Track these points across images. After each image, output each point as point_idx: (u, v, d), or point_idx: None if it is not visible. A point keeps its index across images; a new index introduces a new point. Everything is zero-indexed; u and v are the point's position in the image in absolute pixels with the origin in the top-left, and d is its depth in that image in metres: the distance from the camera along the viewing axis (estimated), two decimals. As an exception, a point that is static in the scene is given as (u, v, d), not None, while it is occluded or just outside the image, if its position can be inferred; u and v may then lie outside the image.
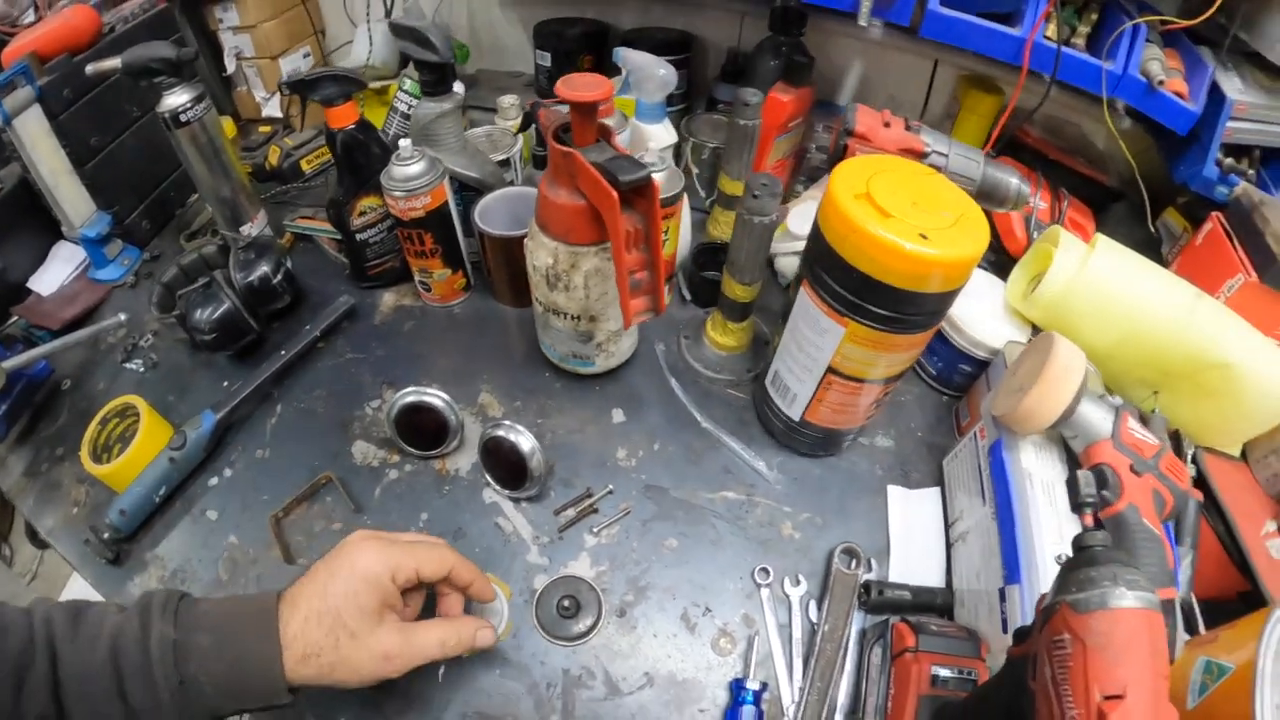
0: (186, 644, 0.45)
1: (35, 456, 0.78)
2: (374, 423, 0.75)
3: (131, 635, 0.45)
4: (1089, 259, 0.70)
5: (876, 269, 0.52)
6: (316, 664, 0.46)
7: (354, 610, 0.47)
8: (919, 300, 0.53)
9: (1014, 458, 0.62)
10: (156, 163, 0.98)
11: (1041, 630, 0.38)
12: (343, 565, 0.49)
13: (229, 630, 0.46)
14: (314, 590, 0.48)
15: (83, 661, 0.43)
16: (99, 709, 0.43)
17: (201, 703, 0.45)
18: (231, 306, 0.77)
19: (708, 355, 0.77)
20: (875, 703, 0.58)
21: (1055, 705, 0.35)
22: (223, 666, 0.45)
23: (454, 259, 0.79)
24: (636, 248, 0.60)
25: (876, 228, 0.50)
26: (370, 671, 0.48)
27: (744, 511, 0.68)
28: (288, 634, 0.46)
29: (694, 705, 0.60)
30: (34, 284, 0.94)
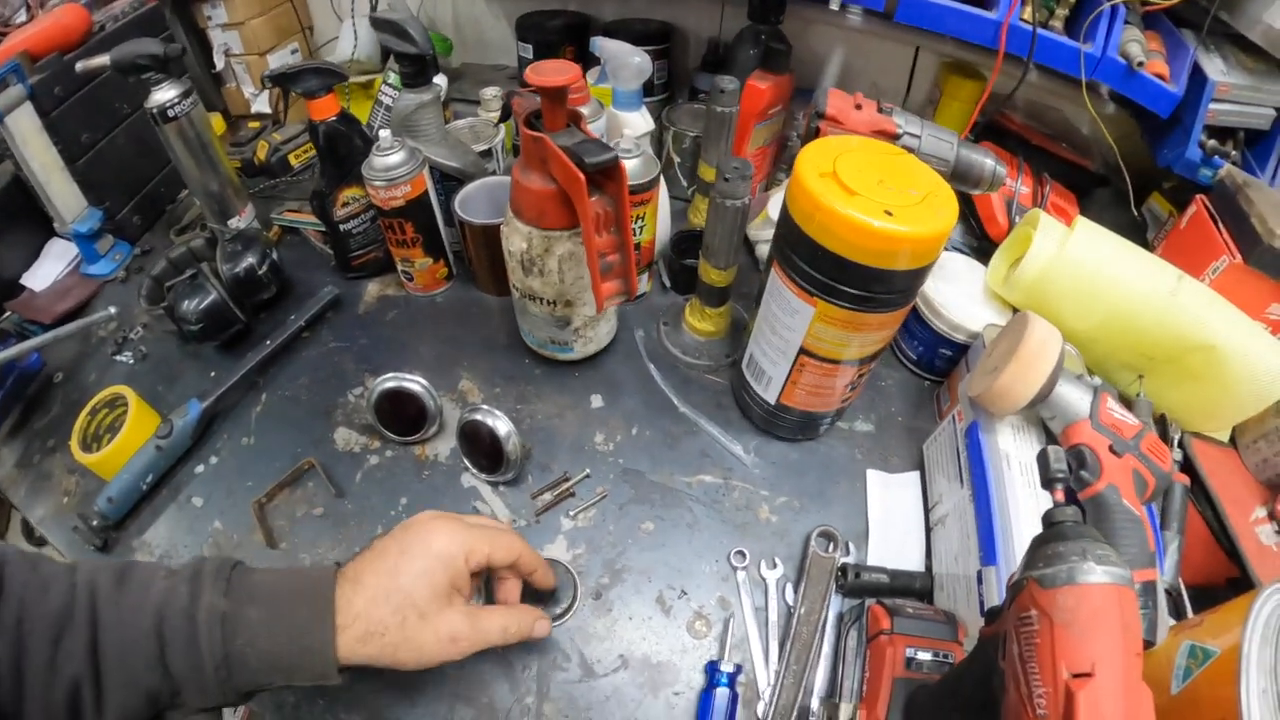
0: (236, 617, 0.44)
1: (27, 448, 0.78)
2: (356, 410, 0.75)
3: (179, 604, 0.43)
4: (1068, 240, 0.70)
5: (843, 247, 0.51)
6: (379, 643, 0.45)
7: (426, 590, 0.46)
8: (887, 278, 0.52)
9: (991, 439, 0.62)
10: (147, 159, 0.99)
11: (1009, 607, 0.37)
12: (416, 543, 0.48)
13: (282, 606, 0.45)
14: (383, 568, 0.47)
15: (125, 626, 0.42)
16: (138, 675, 0.42)
17: (246, 676, 0.43)
18: (218, 297, 0.77)
19: (687, 341, 0.77)
20: (851, 685, 0.57)
21: (1023, 683, 0.35)
22: (272, 643, 0.44)
23: (435, 248, 0.79)
24: (607, 230, 0.60)
25: (841, 205, 0.50)
26: (434, 653, 0.47)
27: (721, 495, 0.68)
28: (349, 612, 0.45)
29: (669, 688, 0.60)
30: (27, 280, 0.95)
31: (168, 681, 0.42)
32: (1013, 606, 0.37)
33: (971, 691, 0.43)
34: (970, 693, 0.43)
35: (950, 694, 0.47)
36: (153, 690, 0.42)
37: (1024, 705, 0.34)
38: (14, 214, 0.91)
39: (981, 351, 0.69)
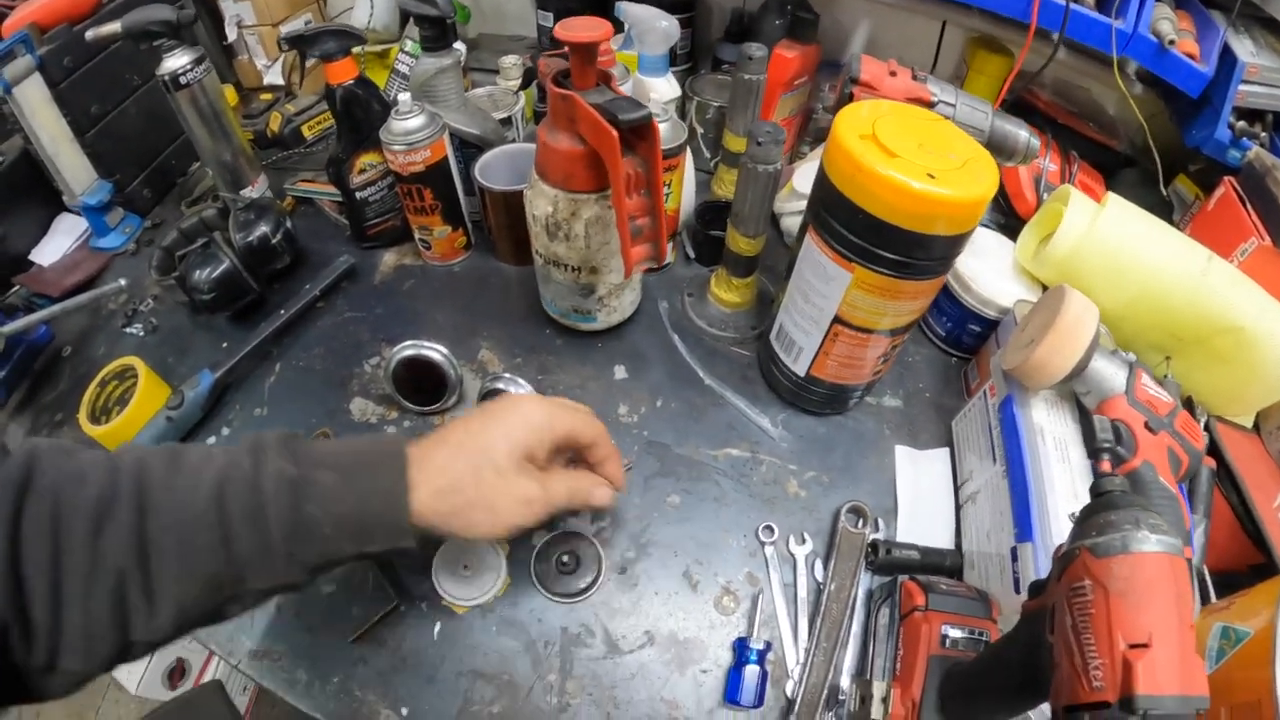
0: (306, 481, 0.40)
1: (35, 423, 0.75)
2: (372, 380, 0.72)
3: (242, 475, 0.39)
4: (1099, 217, 0.67)
5: (884, 209, 0.49)
6: (452, 500, 0.43)
7: (506, 449, 0.45)
8: (927, 244, 0.50)
9: (1025, 414, 0.59)
10: (157, 131, 0.96)
11: (1060, 579, 0.35)
12: (501, 409, 0.47)
13: (354, 467, 0.42)
14: (464, 428, 0.45)
15: (180, 507, 0.37)
16: (196, 560, 0.37)
17: (315, 546, 0.40)
18: (231, 266, 0.74)
19: (712, 312, 0.74)
20: (882, 664, 0.54)
21: (1077, 656, 0.33)
22: (347, 504, 0.40)
23: (454, 216, 0.76)
24: (637, 192, 0.57)
25: (883, 167, 0.48)
26: (508, 514, 0.45)
27: (748, 469, 0.65)
28: (429, 465, 0.43)
29: (696, 665, 0.57)
30: (35, 256, 0.91)
31: (230, 564, 0.37)
32: (1063, 578, 0.35)
33: (1015, 667, 0.40)
34: (1014, 669, 0.41)
35: (991, 670, 0.45)
36: (214, 576, 0.38)
37: (1079, 678, 0.32)
38: (22, 188, 0.88)
39: (1012, 327, 0.67)
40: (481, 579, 0.59)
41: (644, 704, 0.55)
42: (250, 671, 0.57)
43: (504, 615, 0.58)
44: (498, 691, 0.55)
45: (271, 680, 0.56)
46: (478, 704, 0.55)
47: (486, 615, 0.58)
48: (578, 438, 0.50)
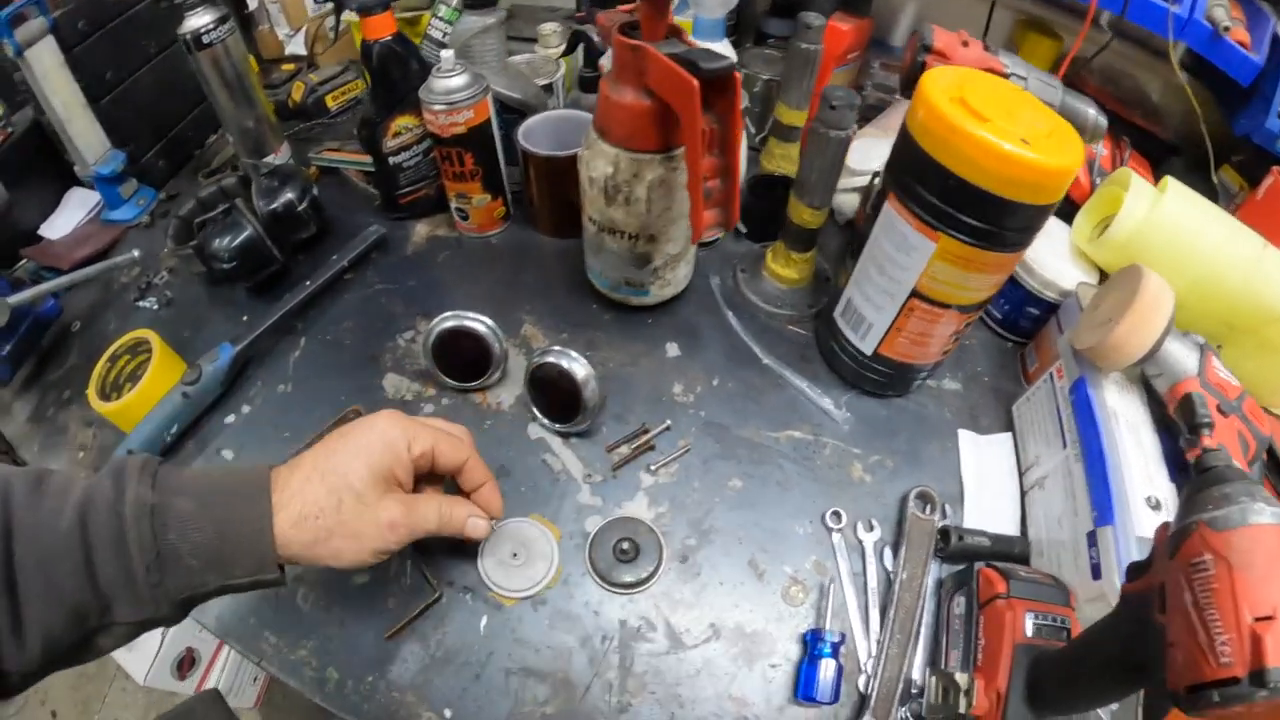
0: (166, 508, 0.37)
1: (41, 401, 0.67)
2: (407, 354, 0.64)
3: (103, 500, 0.36)
4: (1160, 202, 0.63)
5: (976, 173, 0.45)
6: (313, 527, 0.39)
7: (363, 471, 0.41)
8: (1015, 212, 0.46)
9: (1099, 396, 0.54)
10: (174, 101, 0.88)
11: (1174, 556, 0.33)
12: (357, 428, 0.43)
13: (216, 494, 0.38)
14: (320, 451, 0.42)
15: (44, 530, 0.35)
16: (61, 587, 0.34)
17: (179, 579, 0.36)
18: (254, 233, 0.67)
19: (767, 289, 0.67)
20: (959, 654, 0.49)
21: (1201, 632, 0.30)
22: (206, 534, 0.37)
23: (495, 183, 0.69)
24: (710, 152, 0.50)
25: (977, 129, 0.43)
26: (372, 539, 0.41)
27: (811, 452, 0.59)
28: (284, 494, 0.39)
29: (764, 660, 0.50)
30: (45, 231, 0.83)
31: (95, 593, 0.35)
32: (1178, 555, 0.32)
33: (1117, 651, 0.37)
34: (1115, 653, 0.37)
35: (1088, 656, 0.40)
36: (79, 605, 0.35)
37: (1203, 655, 0.29)
38: (32, 161, 0.80)
39: (1075, 310, 0.62)
40: (532, 568, 0.52)
41: (710, 702, 0.49)
42: (275, 670, 0.50)
43: (557, 607, 0.51)
44: (551, 691, 0.48)
45: (298, 679, 0.49)
46: (529, 705, 0.48)
47: (538, 608, 0.52)
48: (439, 460, 0.45)
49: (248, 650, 0.51)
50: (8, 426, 0.67)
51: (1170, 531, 0.33)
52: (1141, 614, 0.34)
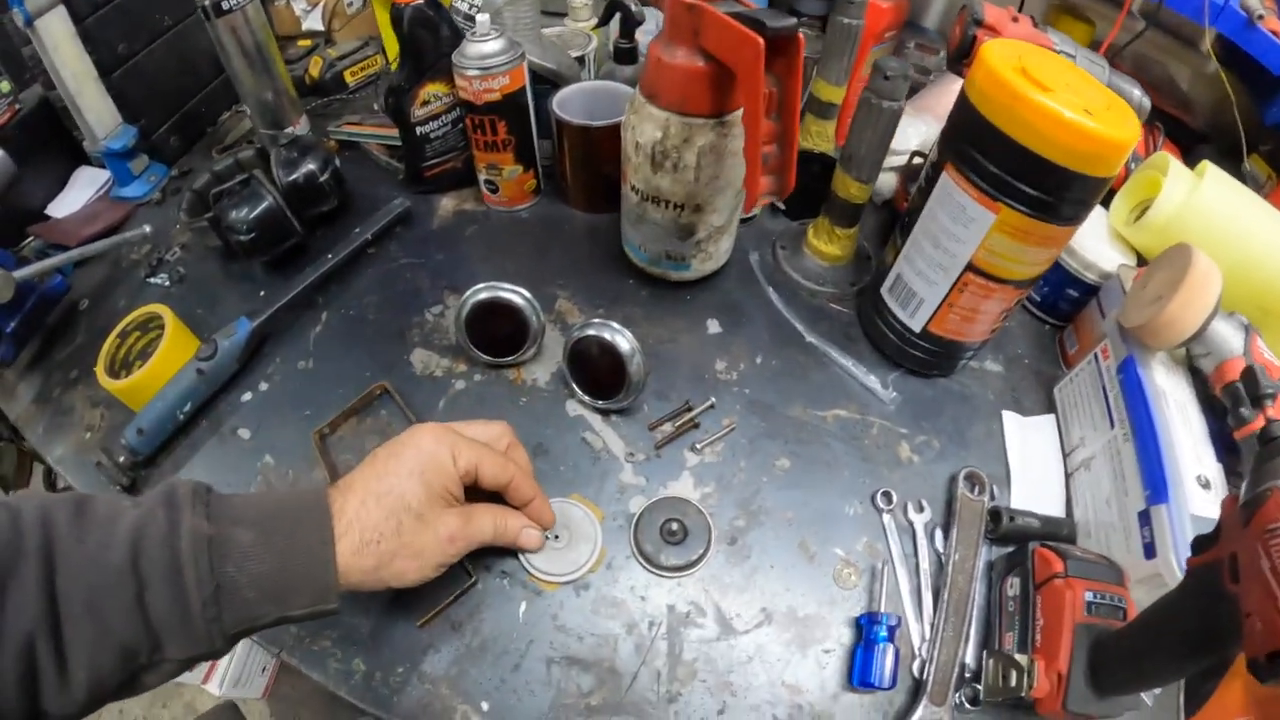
0: (225, 540, 0.34)
1: (46, 381, 0.61)
2: (435, 329, 0.59)
3: (156, 532, 0.32)
4: (1199, 187, 0.60)
5: (1040, 141, 0.42)
6: (375, 553, 0.37)
7: (419, 490, 0.39)
8: (1075, 183, 0.43)
9: (1148, 375, 0.51)
10: (188, 76, 0.82)
11: (1248, 524, 0.31)
12: (405, 447, 0.40)
13: (275, 523, 0.35)
14: (371, 473, 0.39)
15: (92, 565, 0.31)
16: (110, 625, 0.31)
17: (236, 612, 0.34)
18: (273, 204, 0.61)
19: (809, 266, 0.63)
20: (1015, 637, 0.45)
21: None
22: (267, 565, 0.34)
23: (527, 155, 0.64)
24: (768, 116, 0.46)
25: (1042, 97, 0.41)
26: (433, 555, 0.39)
27: (859, 431, 0.55)
28: (343, 519, 0.37)
29: (818, 645, 0.46)
30: (52, 210, 0.77)
31: (146, 630, 0.32)
32: (1252, 523, 0.31)
33: (1186, 625, 0.35)
34: (1186, 628, 0.35)
35: (1154, 633, 0.38)
36: (129, 643, 0.31)
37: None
38: (39, 139, 0.74)
39: (1118, 293, 0.59)
40: (575, 551, 0.47)
41: (763, 690, 0.44)
42: (297, 662, 0.45)
43: (601, 592, 0.47)
44: (596, 681, 0.44)
45: (321, 672, 0.44)
46: (572, 696, 0.43)
47: (580, 593, 0.47)
48: (483, 477, 0.43)
49: (267, 640, 0.45)
50: (12, 408, 0.61)
51: (1241, 501, 0.32)
52: (1211, 586, 0.33)
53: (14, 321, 0.61)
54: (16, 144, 0.70)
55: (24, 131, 0.72)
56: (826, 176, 0.59)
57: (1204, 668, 0.35)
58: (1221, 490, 0.47)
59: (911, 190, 0.56)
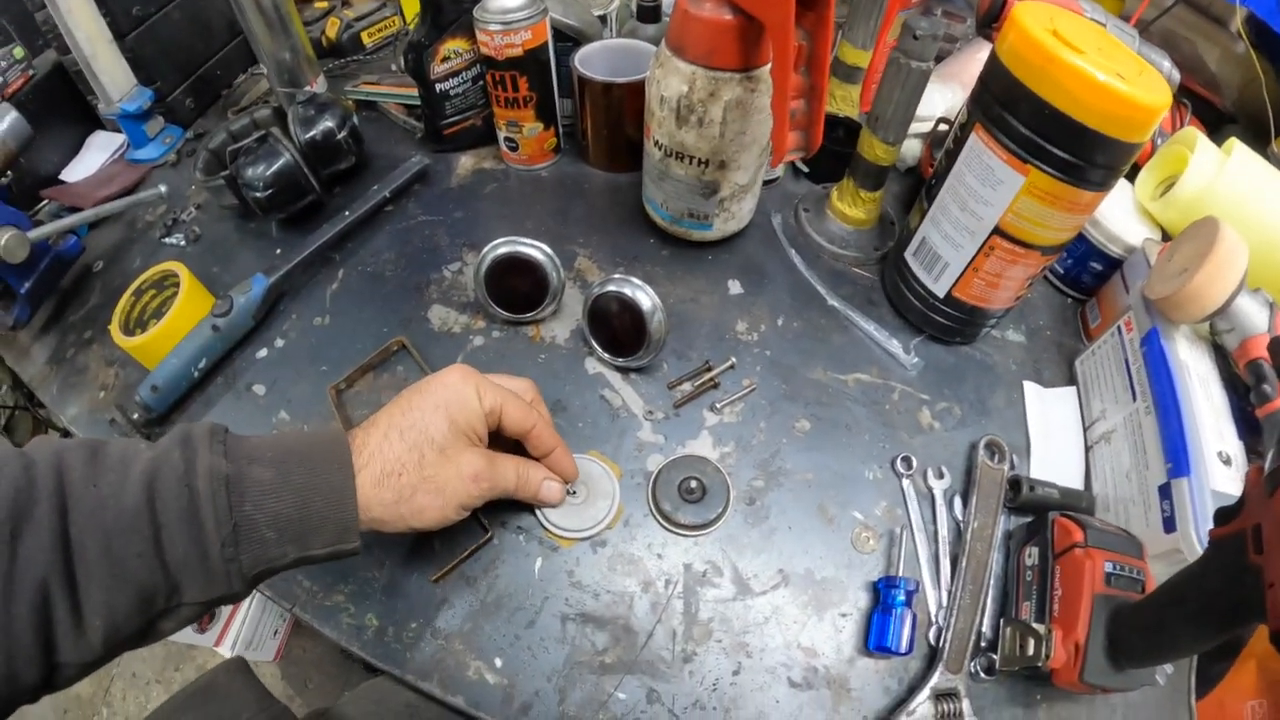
0: (242, 478, 0.32)
1: (61, 342, 0.60)
2: (454, 286, 0.58)
3: (172, 472, 0.31)
4: (1226, 163, 0.58)
5: (1071, 103, 0.41)
6: (395, 485, 0.36)
7: (444, 424, 0.37)
8: (1106, 147, 0.42)
9: (1172, 348, 0.50)
10: (203, 38, 0.80)
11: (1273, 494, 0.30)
12: (430, 384, 0.39)
13: (294, 460, 0.34)
14: (396, 409, 0.38)
15: (106, 509, 0.30)
16: (126, 569, 0.30)
17: (255, 552, 0.32)
18: (291, 160, 0.60)
19: (832, 230, 0.61)
20: (1032, 606, 0.44)
21: None
22: (286, 503, 0.33)
23: (548, 112, 0.62)
24: (796, 71, 0.44)
25: (1075, 58, 0.40)
26: (455, 493, 0.38)
27: (880, 396, 0.53)
28: (364, 452, 0.36)
29: (834, 608, 0.45)
30: (66, 175, 0.76)
31: (164, 573, 0.31)
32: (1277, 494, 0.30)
33: (1208, 596, 0.34)
34: (1208, 599, 0.34)
35: (1175, 604, 0.37)
36: (145, 587, 0.30)
37: None
38: (53, 105, 0.73)
39: (1143, 266, 0.57)
40: (592, 507, 0.46)
41: (778, 651, 0.43)
42: (309, 617, 0.44)
43: (618, 549, 0.46)
44: (611, 639, 0.43)
45: (334, 628, 0.43)
46: (586, 653, 0.42)
47: (597, 550, 0.46)
48: (505, 420, 0.41)
49: (280, 596, 0.45)
50: (26, 369, 0.60)
51: (1267, 471, 0.31)
52: (1234, 557, 0.32)
53: (28, 283, 0.60)
54: (31, 109, 0.69)
55: (38, 96, 0.71)
56: (850, 141, 0.57)
57: (1223, 640, 0.34)
58: (1242, 467, 0.46)
59: (937, 156, 0.55)
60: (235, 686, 0.45)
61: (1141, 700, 0.44)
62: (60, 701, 1.17)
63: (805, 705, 0.42)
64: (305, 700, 1.11)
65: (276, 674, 1.12)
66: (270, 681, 1.12)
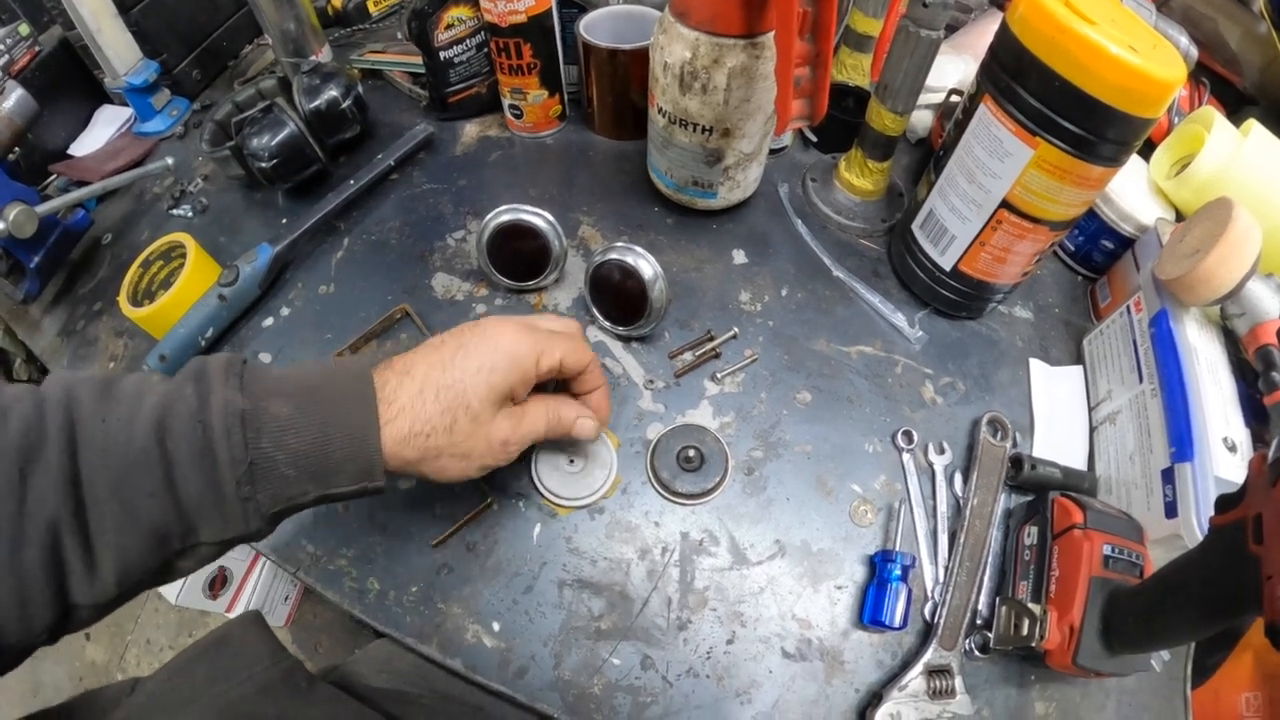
0: (259, 413, 0.30)
1: (71, 314, 0.61)
2: (458, 254, 0.58)
3: (185, 407, 0.30)
4: (1243, 145, 0.57)
5: (1083, 75, 0.40)
6: (420, 445, 0.34)
7: (484, 390, 0.35)
8: (1117, 121, 0.41)
9: (1181, 330, 0.49)
10: (208, 9, 0.80)
11: (1275, 484, 0.30)
12: (481, 341, 0.36)
13: (316, 396, 0.32)
14: (437, 360, 0.35)
15: (116, 446, 0.29)
16: (137, 508, 0.28)
17: (273, 490, 0.31)
18: (296, 130, 0.59)
19: (839, 200, 0.60)
20: (1029, 586, 0.44)
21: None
22: (306, 440, 0.31)
23: (552, 79, 0.62)
24: (801, 37, 0.43)
25: (1087, 30, 0.39)
26: (481, 457, 0.36)
27: (883, 369, 0.53)
28: (394, 405, 0.33)
29: (830, 580, 0.45)
30: (75, 149, 0.76)
31: (177, 512, 0.29)
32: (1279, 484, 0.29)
33: (1206, 584, 0.34)
34: (1205, 587, 0.34)
35: (1172, 590, 0.36)
36: (159, 527, 0.29)
37: None
38: (60, 80, 0.73)
39: (1155, 245, 0.56)
40: (590, 475, 0.46)
41: (773, 621, 0.43)
42: (313, 581, 0.45)
43: (615, 517, 0.46)
44: (607, 605, 0.43)
45: (337, 591, 0.44)
46: (583, 619, 0.43)
47: (595, 517, 0.46)
48: (569, 368, 0.40)
49: (284, 560, 0.45)
50: (37, 342, 0.61)
51: (1270, 460, 0.31)
52: (1233, 546, 0.31)
53: (38, 256, 0.60)
54: (38, 85, 0.69)
55: (45, 72, 0.71)
56: (860, 110, 0.56)
57: (1219, 630, 0.34)
58: (1248, 454, 0.45)
59: (948, 127, 0.54)
60: (249, 638, 0.45)
61: (1137, 686, 0.44)
62: (76, 668, 1.20)
63: (798, 676, 0.42)
64: (315, 664, 1.13)
65: (287, 638, 1.14)
66: (280, 648, 1.15)
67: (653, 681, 0.41)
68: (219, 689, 0.41)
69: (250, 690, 0.41)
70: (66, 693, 1.16)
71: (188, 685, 0.42)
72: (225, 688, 0.41)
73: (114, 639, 1.22)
